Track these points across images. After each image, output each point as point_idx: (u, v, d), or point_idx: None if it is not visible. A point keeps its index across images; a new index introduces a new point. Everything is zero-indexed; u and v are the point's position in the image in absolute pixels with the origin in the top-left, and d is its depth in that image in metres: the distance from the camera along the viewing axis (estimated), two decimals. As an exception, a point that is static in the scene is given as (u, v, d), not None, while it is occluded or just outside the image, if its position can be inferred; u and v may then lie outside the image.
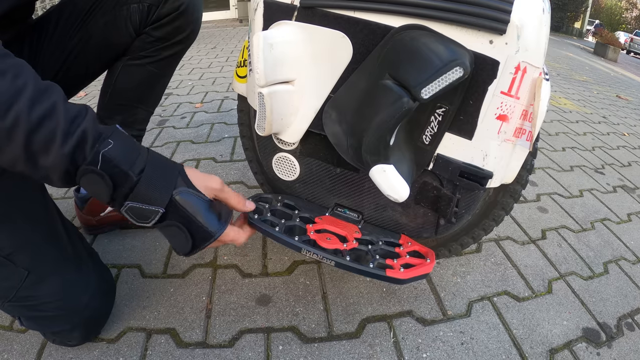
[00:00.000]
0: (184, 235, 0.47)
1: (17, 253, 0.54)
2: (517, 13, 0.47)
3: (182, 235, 0.47)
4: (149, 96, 0.84)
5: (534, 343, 0.72)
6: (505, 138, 0.55)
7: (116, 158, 0.42)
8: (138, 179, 0.43)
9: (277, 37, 0.51)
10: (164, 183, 0.45)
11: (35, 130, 0.38)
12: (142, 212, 0.44)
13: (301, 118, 0.59)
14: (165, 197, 0.45)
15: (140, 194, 0.43)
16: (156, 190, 0.44)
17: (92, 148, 0.41)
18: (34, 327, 0.62)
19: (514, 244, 0.99)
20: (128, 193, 0.43)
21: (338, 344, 0.68)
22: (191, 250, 0.48)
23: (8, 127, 0.36)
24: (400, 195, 0.50)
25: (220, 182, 0.51)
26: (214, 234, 0.48)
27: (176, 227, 0.46)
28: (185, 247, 0.48)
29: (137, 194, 0.43)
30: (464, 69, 0.44)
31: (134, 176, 0.43)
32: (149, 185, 0.44)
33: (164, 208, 0.45)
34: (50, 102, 0.39)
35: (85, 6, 0.70)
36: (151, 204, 0.44)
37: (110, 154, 0.42)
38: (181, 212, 0.46)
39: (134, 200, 0.43)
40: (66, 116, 0.40)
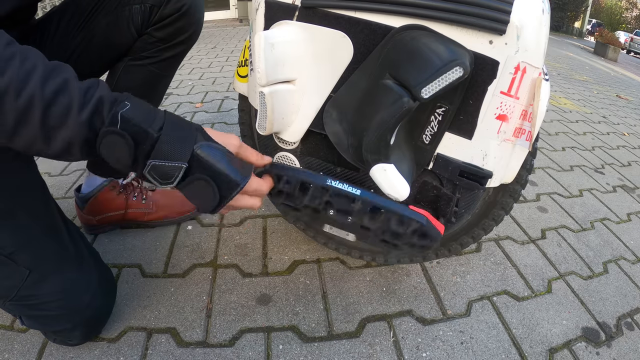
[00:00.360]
0: (211, 187, 0.45)
1: (19, 252, 0.54)
2: (516, 13, 0.47)
3: (208, 189, 0.45)
4: (150, 96, 0.84)
5: (533, 342, 0.72)
6: (504, 138, 0.55)
7: (135, 117, 0.42)
8: (158, 136, 0.43)
9: (278, 37, 0.52)
10: (184, 139, 0.45)
11: (51, 105, 0.38)
12: (165, 170, 0.43)
13: (302, 117, 0.59)
14: (187, 151, 0.44)
15: (162, 150, 0.43)
16: (177, 146, 0.44)
17: (110, 111, 0.42)
18: (35, 327, 0.62)
19: (513, 244, 0.99)
20: (150, 151, 0.43)
21: (338, 343, 0.69)
22: (219, 204, 0.47)
23: (23, 108, 0.37)
24: (400, 195, 0.51)
25: (238, 139, 0.51)
26: (239, 182, 0.47)
27: (203, 180, 0.45)
28: (213, 200, 0.46)
29: (159, 151, 0.43)
30: (464, 68, 0.44)
31: (154, 133, 0.43)
32: (169, 141, 0.44)
33: (187, 163, 0.44)
34: (62, 77, 0.40)
35: (87, 7, 0.70)
36: (174, 159, 0.43)
37: (128, 114, 0.42)
38: (205, 165, 0.45)
39: (156, 158, 0.43)
40: (80, 88, 0.40)
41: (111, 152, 0.42)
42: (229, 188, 0.46)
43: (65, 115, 0.39)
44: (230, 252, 0.88)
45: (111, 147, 0.42)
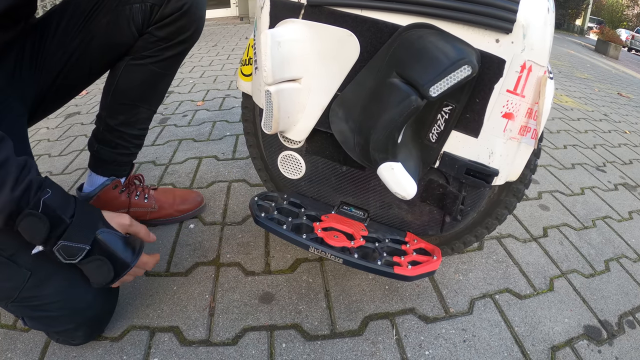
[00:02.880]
0: (107, 267, 0.56)
1: (20, 254, 0.54)
2: (523, 12, 0.47)
3: (104, 267, 0.55)
4: (151, 96, 0.84)
5: (535, 340, 0.72)
6: (510, 136, 0.55)
7: (54, 204, 0.51)
8: (70, 222, 0.52)
9: (284, 35, 0.51)
10: (89, 225, 0.55)
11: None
12: (71, 249, 0.52)
13: (308, 116, 0.59)
14: (90, 236, 0.54)
15: (71, 234, 0.52)
16: (83, 231, 0.54)
17: (35, 195, 0.49)
18: (38, 327, 0.62)
19: (515, 242, 0.99)
20: (61, 234, 0.52)
21: (341, 341, 0.69)
22: (113, 279, 0.57)
23: None
24: (407, 193, 0.51)
25: (129, 218, 0.62)
26: (130, 263, 0.58)
27: (100, 260, 0.55)
28: (107, 277, 0.56)
29: (69, 235, 0.52)
30: (472, 67, 0.44)
31: (67, 219, 0.52)
32: (78, 228, 0.53)
33: (89, 245, 0.54)
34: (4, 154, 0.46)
35: (87, 6, 0.70)
36: (80, 242, 0.53)
37: (49, 201, 0.50)
38: (103, 248, 0.55)
39: (65, 240, 0.52)
40: (17, 166, 0.47)
41: (29, 230, 0.49)
42: (122, 267, 0.57)
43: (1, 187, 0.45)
44: (233, 251, 0.88)
45: (30, 226, 0.49)
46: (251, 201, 0.68)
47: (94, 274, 0.56)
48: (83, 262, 0.54)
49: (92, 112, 1.73)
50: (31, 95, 0.69)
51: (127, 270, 0.58)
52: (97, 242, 0.55)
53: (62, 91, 0.75)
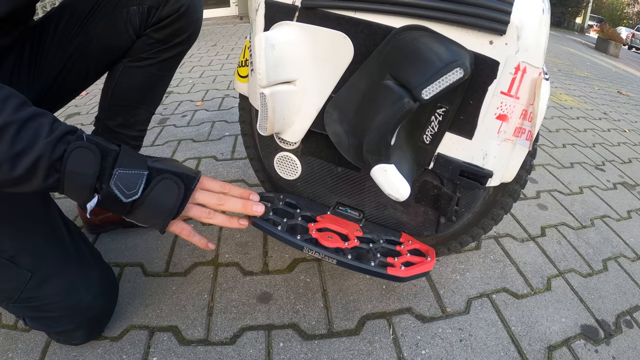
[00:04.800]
0: (175, 184, 0.50)
1: (20, 255, 0.55)
2: (517, 14, 0.47)
3: (172, 187, 0.50)
4: (150, 97, 0.84)
5: (532, 340, 0.72)
6: (505, 137, 0.55)
7: (95, 139, 0.47)
8: (119, 151, 0.49)
9: (278, 38, 0.52)
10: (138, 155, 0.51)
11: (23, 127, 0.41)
12: (129, 178, 0.48)
13: (303, 118, 0.60)
14: (144, 163, 0.50)
15: (124, 160, 0.48)
16: (135, 158, 0.50)
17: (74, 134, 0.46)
18: (38, 328, 0.63)
19: (513, 241, 0.99)
20: (114, 162, 0.47)
21: (338, 340, 0.69)
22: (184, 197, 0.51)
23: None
24: (401, 195, 0.51)
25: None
26: (196, 174, 0.53)
27: (167, 179, 0.50)
28: (178, 195, 0.50)
29: (122, 161, 0.48)
30: (464, 69, 0.44)
31: (116, 148, 0.49)
32: (129, 154, 0.49)
33: (147, 169, 0.49)
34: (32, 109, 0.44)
35: (85, 8, 0.70)
36: (136, 167, 0.48)
37: (89, 138, 0.47)
38: (161, 170, 0.50)
39: (120, 167, 0.47)
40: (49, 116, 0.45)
41: (80, 163, 0.45)
42: (189, 180, 0.52)
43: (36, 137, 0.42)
44: (231, 251, 0.88)
45: (80, 159, 0.45)
46: None
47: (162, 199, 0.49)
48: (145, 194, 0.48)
49: (92, 113, 1.73)
50: (30, 98, 0.69)
51: (196, 181, 0.52)
52: (153, 167, 0.50)
53: (61, 94, 0.76)
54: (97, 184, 0.47)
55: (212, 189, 0.55)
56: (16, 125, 0.40)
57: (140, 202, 0.48)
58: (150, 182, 0.49)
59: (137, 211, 0.50)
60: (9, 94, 0.42)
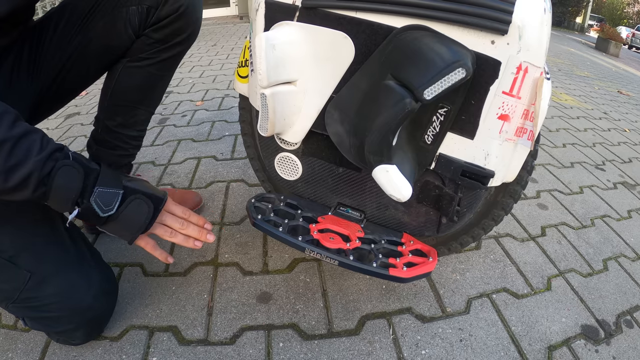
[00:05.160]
0: (145, 204, 0.57)
1: (20, 255, 0.55)
2: (518, 13, 0.47)
3: (143, 206, 0.57)
4: (149, 97, 0.84)
5: (532, 340, 0.72)
6: (506, 137, 0.55)
7: (79, 158, 0.53)
8: (99, 171, 0.54)
9: (279, 38, 0.51)
10: (114, 174, 0.57)
11: (17, 145, 0.45)
12: (107, 196, 0.54)
13: (303, 118, 0.59)
14: (120, 182, 0.56)
15: (104, 180, 0.54)
16: (113, 178, 0.56)
17: (62, 152, 0.51)
18: (38, 328, 0.63)
19: (513, 241, 0.99)
20: (95, 180, 0.53)
21: (338, 340, 0.69)
22: (153, 216, 0.58)
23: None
24: (403, 195, 0.51)
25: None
26: (163, 196, 0.60)
27: (137, 199, 0.56)
28: (147, 214, 0.57)
29: (102, 181, 0.54)
30: (466, 70, 0.44)
31: (97, 167, 0.55)
32: (108, 175, 0.55)
33: (122, 189, 0.56)
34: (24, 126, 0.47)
35: (85, 8, 0.70)
36: (113, 187, 0.55)
37: (75, 156, 0.52)
38: (135, 191, 0.57)
39: (100, 186, 0.53)
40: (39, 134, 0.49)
41: (65, 181, 0.50)
42: (158, 202, 0.59)
43: (28, 153, 0.46)
44: (231, 251, 0.88)
45: (66, 177, 0.50)
46: (248, 203, 0.69)
47: (134, 215, 0.56)
48: (120, 210, 0.55)
49: (92, 113, 1.73)
50: (29, 99, 0.69)
51: (163, 203, 0.59)
52: (128, 187, 0.56)
53: (60, 94, 0.75)
54: (79, 199, 0.52)
55: (176, 213, 0.62)
56: (11, 142, 0.44)
57: (115, 217, 0.55)
58: (125, 201, 0.55)
59: (111, 224, 0.56)
60: (3, 110, 0.45)
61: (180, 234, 0.61)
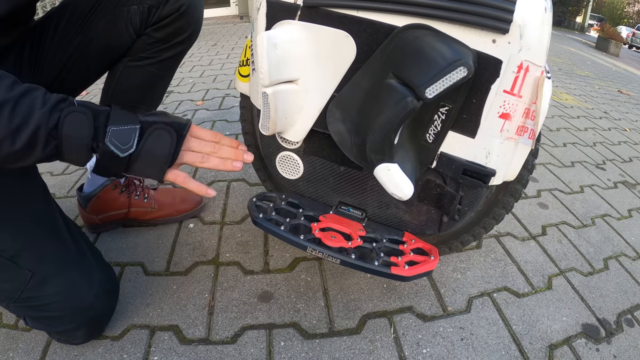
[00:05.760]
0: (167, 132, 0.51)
1: (21, 254, 0.55)
2: (519, 12, 0.47)
3: (165, 136, 0.51)
4: (150, 97, 0.84)
5: (533, 339, 0.73)
6: (507, 136, 0.55)
7: (86, 103, 0.49)
8: (109, 110, 0.51)
9: (280, 37, 0.51)
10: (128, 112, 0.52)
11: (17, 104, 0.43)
12: (123, 133, 0.49)
13: (305, 117, 0.59)
14: (135, 118, 0.51)
15: (116, 118, 0.50)
16: (126, 115, 0.51)
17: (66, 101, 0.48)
18: (39, 327, 0.63)
19: (514, 240, 0.99)
20: (106, 121, 0.49)
21: (339, 339, 0.69)
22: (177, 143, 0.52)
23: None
24: (404, 194, 0.51)
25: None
26: (187, 121, 0.54)
27: (157, 129, 0.51)
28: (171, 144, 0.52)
29: (114, 119, 0.50)
30: (468, 68, 0.44)
31: (107, 108, 0.51)
32: (120, 112, 0.51)
33: (139, 123, 0.51)
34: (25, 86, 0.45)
35: (85, 8, 0.70)
36: (127, 123, 0.50)
37: (80, 102, 0.49)
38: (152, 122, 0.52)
39: (113, 124, 0.49)
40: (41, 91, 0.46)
41: (74, 127, 0.47)
42: (180, 128, 0.53)
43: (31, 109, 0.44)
44: (232, 250, 0.88)
45: (74, 123, 0.47)
46: (249, 202, 0.69)
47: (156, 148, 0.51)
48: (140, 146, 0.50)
49: (92, 112, 1.73)
50: None
51: (187, 127, 0.53)
52: (144, 121, 0.51)
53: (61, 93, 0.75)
54: (94, 144, 0.48)
55: (204, 137, 0.56)
56: (11, 103, 0.43)
57: (137, 154, 0.50)
58: (144, 135, 0.51)
59: (135, 164, 0.51)
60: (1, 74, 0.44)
61: (213, 157, 0.55)
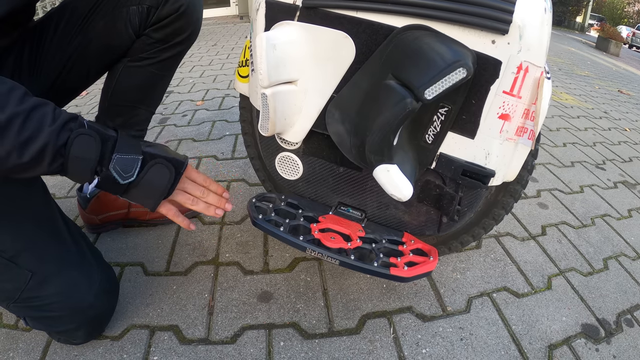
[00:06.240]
0: (166, 168, 0.55)
1: (21, 255, 0.55)
2: (519, 13, 0.47)
3: (164, 170, 0.55)
4: (150, 97, 0.84)
5: (533, 339, 0.73)
6: (507, 137, 0.55)
7: (95, 126, 0.51)
8: (117, 137, 0.53)
9: (279, 38, 0.51)
10: (132, 141, 0.55)
11: (28, 118, 0.44)
12: (126, 162, 0.52)
13: (304, 118, 0.59)
14: (139, 149, 0.54)
15: (122, 146, 0.52)
16: (131, 144, 0.54)
17: (76, 122, 0.49)
18: (39, 327, 0.63)
19: (513, 240, 0.99)
20: (113, 147, 0.52)
21: (338, 339, 0.69)
22: (175, 179, 0.56)
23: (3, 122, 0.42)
24: (403, 195, 0.51)
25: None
26: (184, 159, 0.58)
27: (158, 163, 0.54)
28: (169, 179, 0.55)
29: (120, 147, 0.52)
30: (467, 70, 0.44)
31: (114, 134, 0.53)
32: (126, 141, 0.53)
33: (141, 154, 0.54)
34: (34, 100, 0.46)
35: (85, 8, 0.70)
36: (131, 153, 0.53)
37: (90, 124, 0.51)
38: (154, 156, 0.55)
39: (119, 152, 0.51)
40: (51, 106, 0.47)
41: (83, 149, 0.48)
42: (179, 165, 0.56)
43: (40, 125, 0.45)
44: (232, 250, 0.88)
45: (83, 146, 0.48)
46: (249, 203, 0.69)
47: (155, 180, 0.54)
48: (140, 176, 0.53)
49: (93, 113, 1.73)
50: None
51: (184, 166, 0.57)
52: (147, 152, 0.54)
53: (61, 94, 0.75)
54: (98, 167, 0.51)
55: (197, 180, 0.61)
56: (22, 116, 0.43)
57: (136, 183, 0.53)
58: (145, 166, 0.53)
59: (132, 191, 0.54)
60: (11, 86, 0.44)
61: (201, 202, 0.60)
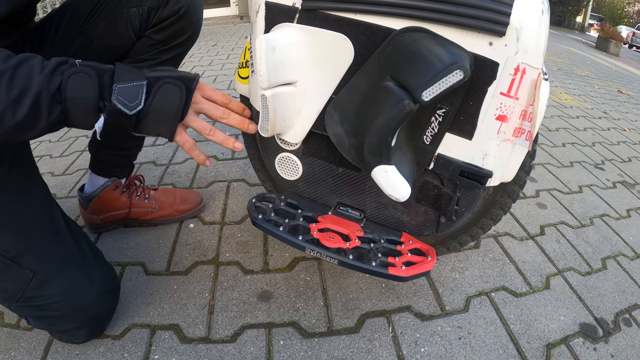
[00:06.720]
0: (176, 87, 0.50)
1: (22, 255, 0.55)
2: (516, 15, 0.47)
3: (174, 90, 0.50)
4: None
5: (531, 338, 0.73)
6: (504, 138, 0.55)
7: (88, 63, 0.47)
8: (114, 68, 0.49)
9: (279, 40, 0.52)
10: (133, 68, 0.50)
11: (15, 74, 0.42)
12: (130, 90, 0.47)
13: (304, 119, 0.60)
14: (142, 74, 0.49)
15: (121, 75, 0.48)
16: (132, 72, 0.49)
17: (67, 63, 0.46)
18: (41, 327, 0.63)
19: (512, 240, 1.00)
20: (111, 79, 0.47)
21: (338, 338, 0.70)
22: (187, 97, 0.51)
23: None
24: (401, 195, 0.51)
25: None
26: (195, 75, 0.53)
27: (165, 84, 0.49)
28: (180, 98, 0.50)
29: (119, 76, 0.48)
30: (464, 71, 0.44)
31: (111, 66, 0.49)
32: (125, 69, 0.49)
33: (145, 79, 0.49)
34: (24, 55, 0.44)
35: (86, 10, 0.70)
36: (134, 80, 0.48)
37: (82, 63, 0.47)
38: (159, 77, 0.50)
39: (119, 82, 0.47)
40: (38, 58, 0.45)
41: (79, 88, 0.45)
42: (189, 82, 0.51)
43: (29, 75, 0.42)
44: (232, 250, 0.89)
45: (78, 84, 0.45)
46: (249, 203, 0.69)
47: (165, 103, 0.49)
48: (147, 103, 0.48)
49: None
50: None
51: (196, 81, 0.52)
52: (151, 76, 0.50)
53: None
54: (100, 103, 0.47)
55: (215, 99, 0.56)
56: (9, 73, 0.41)
57: (145, 111, 0.49)
58: (151, 91, 0.49)
59: (144, 122, 0.50)
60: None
61: (219, 132, 0.56)
